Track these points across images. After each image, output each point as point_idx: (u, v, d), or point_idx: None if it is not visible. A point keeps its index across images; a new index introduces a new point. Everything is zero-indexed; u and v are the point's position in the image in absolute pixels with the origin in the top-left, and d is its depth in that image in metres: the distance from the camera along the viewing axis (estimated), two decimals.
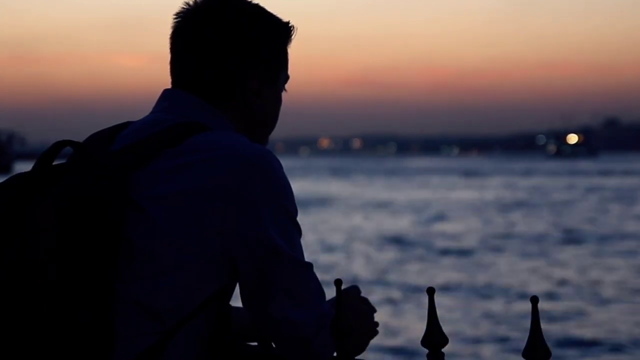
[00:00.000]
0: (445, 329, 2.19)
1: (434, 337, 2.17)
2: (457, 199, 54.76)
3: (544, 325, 2.03)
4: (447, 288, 19.89)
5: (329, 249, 27.90)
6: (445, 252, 27.01)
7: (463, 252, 26.83)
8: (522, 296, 18.51)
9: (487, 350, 14.36)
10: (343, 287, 2.27)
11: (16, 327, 2.07)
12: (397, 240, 30.39)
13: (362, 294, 2.40)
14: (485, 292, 19.59)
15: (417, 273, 22.73)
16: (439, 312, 2.13)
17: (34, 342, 2.07)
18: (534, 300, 2.04)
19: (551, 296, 18.72)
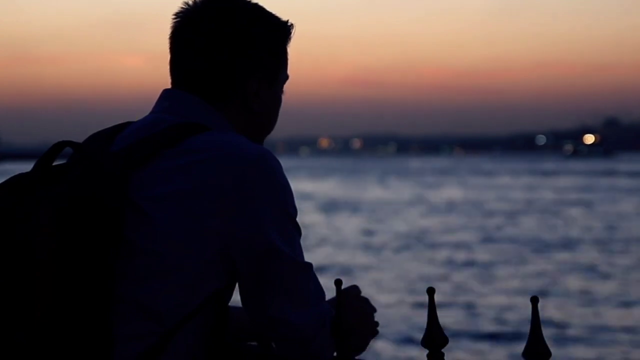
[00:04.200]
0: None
1: (434, 337, 2.17)
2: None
3: None
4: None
5: None
6: None
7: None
8: None
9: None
10: (343, 287, 2.28)
11: (16, 327, 2.07)
12: None
13: (362, 294, 2.40)
14: None
15: None
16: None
17: (33, 342, 2.07)
18: (534, 300, 2.04)
19: None
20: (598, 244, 30.05)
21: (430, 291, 2.17)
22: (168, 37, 2.35)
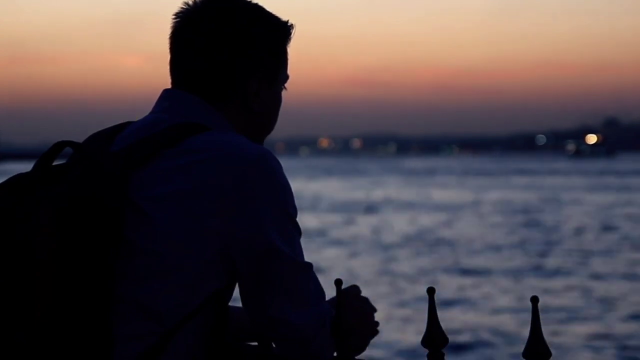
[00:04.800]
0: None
1: (434, 337, 2.17)
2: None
3: None
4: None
5: None
6: None
7: None
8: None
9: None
10: (343, 287, 2.28)
11: (16, 327, 2.07)
12: None
13: (362, 294, 2.40)
14: None
15: None
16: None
17: (33, 342, 2.07)
18: (534, 300, 2.04)
19: None
20: None
21: (430, 291, 2.18)
22: (168, 37, 2.35)
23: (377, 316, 2.38)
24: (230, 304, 2.28)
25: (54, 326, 2.07)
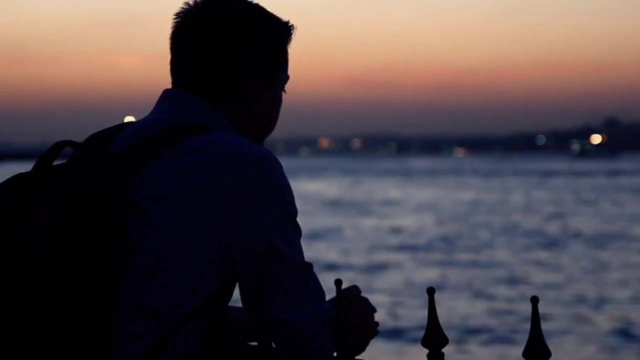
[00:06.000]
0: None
1: (434, 337, 2.18)
2: None
3: None
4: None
5: None
6: None
7: None
8: None
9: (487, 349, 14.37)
10: (343, 287, 2.28)
11: (16, 327, 2.07)
12: None
13: (362, 294, 2.40)
14: None
15: None
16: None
17: (33, 342, 2.07)
18: (534, 300, 2.04)
19: None
20: None
21: (430, 291, 2.18)
22: (168, 37, 2.35)
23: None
24: (230, 304, 2.28)
25: (54, 326, 2.07)
